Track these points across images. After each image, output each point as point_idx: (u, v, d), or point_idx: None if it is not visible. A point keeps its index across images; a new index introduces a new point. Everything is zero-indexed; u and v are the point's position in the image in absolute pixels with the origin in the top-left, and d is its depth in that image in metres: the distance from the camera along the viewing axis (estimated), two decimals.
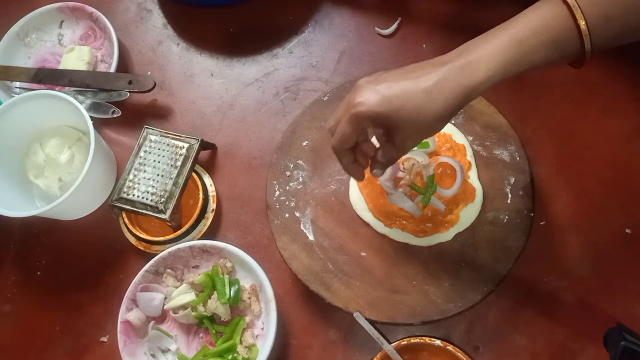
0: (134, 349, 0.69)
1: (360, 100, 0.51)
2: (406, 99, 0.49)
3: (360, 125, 0.52)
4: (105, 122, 0.86)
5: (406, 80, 0.50)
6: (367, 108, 0.50)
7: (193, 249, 0.73)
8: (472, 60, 0.49)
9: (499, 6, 0.86)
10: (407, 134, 0.52)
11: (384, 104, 0.50)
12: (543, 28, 0.49)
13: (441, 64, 0.50)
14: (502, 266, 0.67)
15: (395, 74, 0.52)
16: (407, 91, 0.49)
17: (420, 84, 0.49)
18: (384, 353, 0.63)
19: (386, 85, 0.50)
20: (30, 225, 0.84)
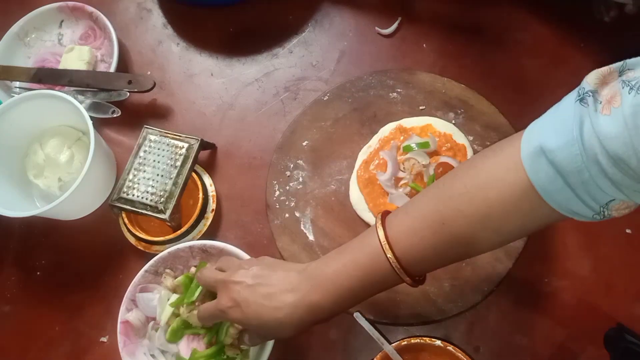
0: (133, 349, 0.69)
1: (226, 307, 0.58)
2: (262, 323, 0.57)
3: (222, 320, 0.64)
4: (105, 122, 0.86)
5: (263, 305, 0.57)
6: (230, 317, 0.59)
7: (193, 249, 0.73)
8: (314, 301, 0.55)
9: (499, 6, 0.86)
10: (264, 338, 0.65)
11: (245, 321, 0.58)
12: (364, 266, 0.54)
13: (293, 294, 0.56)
14: (502, 266, 0.67)
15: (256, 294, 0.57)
16: (263, 317, 0.57)
17: (274, 314, 0.56)
18: (384, 353, 0.63)
19: (245, 304, 0.57)
20: (30, 225, 0.84)
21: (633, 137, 0.38)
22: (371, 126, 0.78)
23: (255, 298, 0.57)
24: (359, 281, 0.54)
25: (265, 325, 0.57)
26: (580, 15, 0.81)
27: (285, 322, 0.56)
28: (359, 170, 0.75)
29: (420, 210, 0.52)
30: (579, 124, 0.41)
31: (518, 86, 0.80)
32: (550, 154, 0.42)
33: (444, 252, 0.52)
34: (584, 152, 0.41)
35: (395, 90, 0.79)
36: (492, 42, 0.85)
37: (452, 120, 0.76)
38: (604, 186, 0.42)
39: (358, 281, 0.54)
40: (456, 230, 0.49)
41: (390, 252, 0.52)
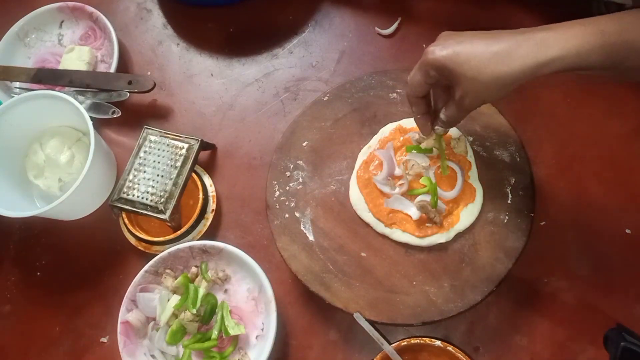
0: (134, 350, 0.69)
1: (431, 49, 0.53)
2: (472, 55, 0.51)
3: (428, 73, 0.55)
4: (105, 123, 0.86)
5: (481, 40, 0.51)
6: (433, 56, 0.53)
7: (193, 249, 0.73)
8: (549, 36, 0.49)
9: (499, 6, 0.86)
10: (466, 90, 0.54)
11: (450, 55, 0.52)
12: (632, 28, 0.49)
13: (520, 33, 0.51)
14: (502, 266, 0.67)
15: (476, 33, 0.53)
16: (476, 49, 0.51)
17: (491, 46, 0.50)
18: (384, 354, 0.63)
19: (460, 40, 0.52)
20: (30, 225, 0.84)
21: None
22: (371, 126, 0.78)
23: (469, 35, 0.51)
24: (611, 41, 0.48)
25: (475, 60, 0.50)
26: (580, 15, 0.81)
27: (503, 54, 0.49)
28: (359, 170, 0.75)
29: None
30: None
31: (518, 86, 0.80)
32: None
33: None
34: None
35: (395, 90, 0.79)
36: None
37: None
38: None
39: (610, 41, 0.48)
40: None
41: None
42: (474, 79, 0.52)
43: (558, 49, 0.49)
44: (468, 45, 0.52)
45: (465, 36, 0.53)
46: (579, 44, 0.49)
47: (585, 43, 0.49)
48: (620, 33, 0.49)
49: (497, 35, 0.52)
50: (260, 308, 0.71)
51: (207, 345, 0.69)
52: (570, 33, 0.50)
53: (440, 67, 0.54)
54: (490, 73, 0.51)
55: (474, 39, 0.52)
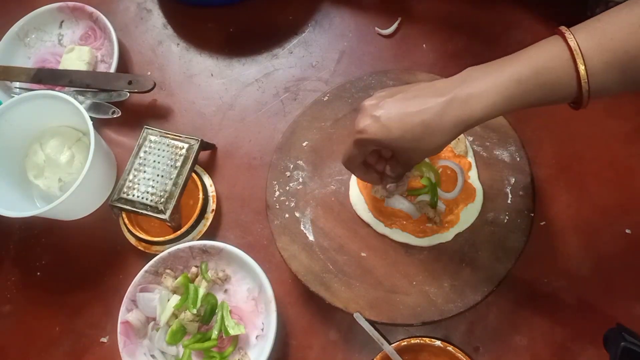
0: (133, 350, 0.69)
1: (363, 128, 0.54)
2: (405, 129, 0.52)
3: (365, 148, 0.57)
4: (105, 123, 0.86)
5: (406, 109, 0.52)
6: (368, 135, 0.54)
7: (193, 249, 0.73)
8: (471, 94, 0.51)
9: (499, 6, 0.86)
10: (408, 157, 0.56)
11: (384, 132, 0.53)
12: (543, 69, 0.50)
13: (441, 94, 0.52)
14: (502, 266, 0.67)
15: (396, 100, 0.54)
16: (406, 122, 0.52)
17: (419, 115, 0.51)
18: (384, 354, 0.63)
19: (386, 113, 0.53)
20: (30, 225, 0.84)
21: None
22: None
23: (395, 105, 0.52)
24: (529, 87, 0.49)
25: (409, 134, 0.51)
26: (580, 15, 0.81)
27: (434, 125, 0.50)
28: None
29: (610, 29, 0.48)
30: None
31: None
32: None
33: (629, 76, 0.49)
34: None
35: None
36: (492, 42, 0.85)
37: None
38: None
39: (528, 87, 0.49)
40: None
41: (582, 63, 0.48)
42: (412, 148, 0.54)
43: (481, 108, 0.50)
44: (397, 118, 0.52)
45: (388, 107, 0.53)
46: (499, 99, 0.50)
47: (505, 97, 0.50)
48: (535, 77, 0.50)
49: (420, 98, 0.52)
50: (260, 308, 0.71)
51: (207, 345, 0.69)
52: (491, 86, 0.50)
53: (376, 143, 0.55)
54: (427, 142, 0.53)
55: (398, 109, 0.53)
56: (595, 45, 0.48)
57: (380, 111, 0.53)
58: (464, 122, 0.51)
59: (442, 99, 0.51)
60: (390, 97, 0.54)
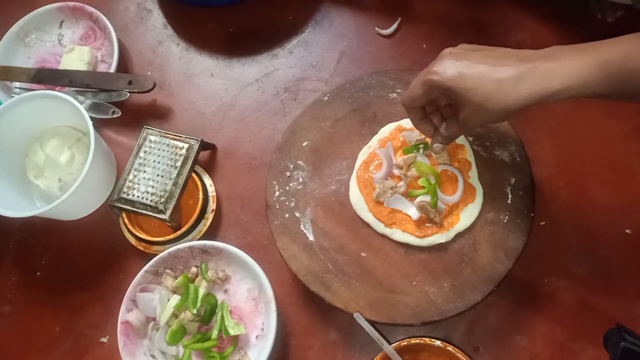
0: (133, 350, 0.69)
1: (438, 69, 0.53)
2: (480, 82, 0.51)
3: (431, 91, 0.55)
4: (105, 123, 0.86)
5: (486, 64, 0.51)
6: (440, 78, 0.52)
7: (193, 249, 0.73)
8: (555, 68, 0.50)
9: (499, 6, 0.86)
10: (471, 114, 0.54)
11: (458, 80, 0.51)
12: (631, 56, 0.49)
13: (525, 60, 0.51)
14: (502, 266, 0.67)
15: (480, 55, 0.53)
16: (483, 75, 0.51)
17: (498, 73, 0.50)
18: (384, 354, 0.63)
19: (467, 63, 0.52)
20: (30, 225, 0.84)
21: None
22: (371, 126, 0.78)
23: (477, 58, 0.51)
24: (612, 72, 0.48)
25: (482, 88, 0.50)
26: (580, 15, 0.81)
27: (509, 86, 0.49)
28: (359, 170, 0.75)
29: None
30: None
31: None
32: None
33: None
34: None
35: (395, 90, 0.79)
36: (492, 42, 0.84)
37: None
38: None
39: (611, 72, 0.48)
40: None
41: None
42: (480, 105, 0.52)
43: (563, 81, 0.49)
44: (474, 69, 0.51)
45: (470, 58, 0.53)
46: (583, 76, 0.49)
47: (589, 75, 0.49)
48: (623, 61, 0.49)
49: (503, 59, 0.52)
50: (260, 308, 0.71)
51: (207, 345, 0.69)
52: (574, 64, 0.49)
53: (446, 89, 0.53)
54: (496, 102, 0.51)
55: (479, 62, 0.52)
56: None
57: (460, 59, 0.52)
58: (538, 94, 0.50)
59: (524, 66, 0.50)
60: (475, 50, 0.53)
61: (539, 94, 0.50)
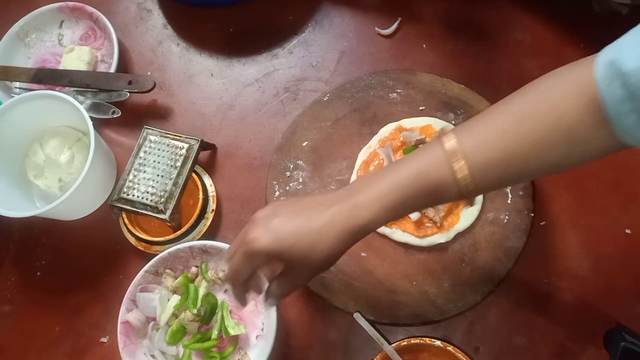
0: (133, 350, 0.69)
1: (254, 237, 0.52)
2: (297, 238, 0.51)
3: (254, 261, 0.54)
4: (105, 123, 0.86)
5: (298, 219, 0.52)
6: (258, 246, 0.52)
7: (193, 249, 0.73)
8: (358, 203, 0.51)
9: (499, 6, 0.86)
10: (299, 269, 0.54)
11: (276, 242, 0.51)
12: (424, 174, 0.50)
13: (331, 204, 0.52)
14: (502, 266, 0.67)
15: (290, 211, 0.53)
16: (298, 231, 0.51)
17: (310, 224, 0.51)
18: (384, 354, 0.63)
19: (279, 223, 0.52)
20: (30, 225, 0.84)
21: None
22: (371, 126, 0.78)
23: (287, 215, 0.52)
24: (411, 193, 0.50)
25: (300, 243, 0.51)
26: (580, 15, 0.81)
27: (323, 233, 0.51)
28: (359, 170, 0.75)
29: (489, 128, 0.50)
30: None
31: (518, 86, 0.79)
32: (626, 76, 0.41)
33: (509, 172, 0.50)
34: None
35: (395, 90, 0.79)
36: (492, 42, 0.85)
37: (452, 120, 0.76)
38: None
39: (410, 192, 0.50)
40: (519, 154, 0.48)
41: (462, 161, 0.48)
42: (304, 258, 0.52)
43: (366, 217, 0.51)
44: (289, 227, 0.52)
45: (281, 217, 0.53)
46: (383, 206, 0.51)
47: (388, 204, 0.51)
48: (416, 181, 0.50)
49: (311, 209, 0.52)
50: (260, 308, 0.71)
51: (207, 345, 0.69)
52: (374, 196, 0.51)
53: (267, 254, 0.53)
54: (318, 251, 0.51)
55: (291, 218, 0.52)
56: (472, 146, 0.49)
57: (272, 221, 0.52)
58: (350, 232, 0.51)
59: (332, 209, 0.51)
60: (282, 208, 0.54)
61: (351, 232, 0.51)
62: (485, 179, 0.50)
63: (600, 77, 0.44)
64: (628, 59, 0.42)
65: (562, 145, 0.48)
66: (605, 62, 0.44)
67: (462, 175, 0.49)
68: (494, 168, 0.49)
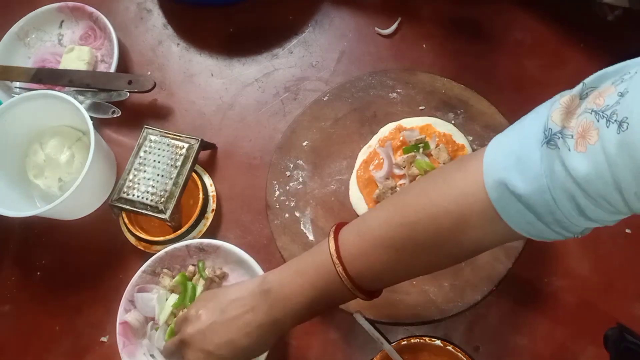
0: (133, 350, 0.69)
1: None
2: (238, 354, 0.55)
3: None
4: (105, 122, 0.86)
5: (230, 336, 0.55)
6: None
7: (190, 248, 0.73)
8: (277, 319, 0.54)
9: (499, 6, 0.86)
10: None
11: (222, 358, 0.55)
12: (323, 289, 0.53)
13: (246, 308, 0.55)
14: (502, 266, 0.66)
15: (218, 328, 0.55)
16: (239, 351, 0.55)
17: (245, 342, 0.54)
18: (384, 353, 0.63)
19: (215, 345, 0.55)
20: (30, 225, 0.84)
21: (618, 173, 0.35)
22: (371, 126, 0.78)
23: (219, 337, 0.55)
24: (315, 297, 0.53)
25: (240, 353, 0.55)
26: (580, 15, 0.81)
27: (257, 343, 0.55)
28: (359, 170, 0.75)
29: (372, 232, 0.51)
30: (549, 171, 0.39)
31: (518, 86, 0.80)
32: (519, 197, 0.41)
33: (397, 274, 0.53)
34: (556, 197, 0.39)
35: (395, 90, 0.79)
36: (492, 42, 0.85)
37: (452, 120, 0.76)
38: (579, 222, 0.41)
39: (314, 297, 0.53)
40: (409, 256, 0.49)
41: (341, 267, 0.51)
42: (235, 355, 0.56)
43: (283, 315, 0.54)
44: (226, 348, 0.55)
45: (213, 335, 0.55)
46: (299, 302, 0.53)
47: (303, 299, 0.53)
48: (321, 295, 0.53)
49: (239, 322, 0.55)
50: None
51: None
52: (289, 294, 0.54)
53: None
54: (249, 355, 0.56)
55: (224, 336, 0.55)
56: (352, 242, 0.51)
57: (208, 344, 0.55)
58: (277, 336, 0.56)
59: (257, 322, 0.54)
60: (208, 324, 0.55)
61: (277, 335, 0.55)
62: (369, 281, 0.52)
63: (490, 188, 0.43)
64: (516, 182, 0.41)
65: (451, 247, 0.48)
66: (494, 182, 0.42)
67: (344, 278, 0.51)
68: (373, 272, 0.51)
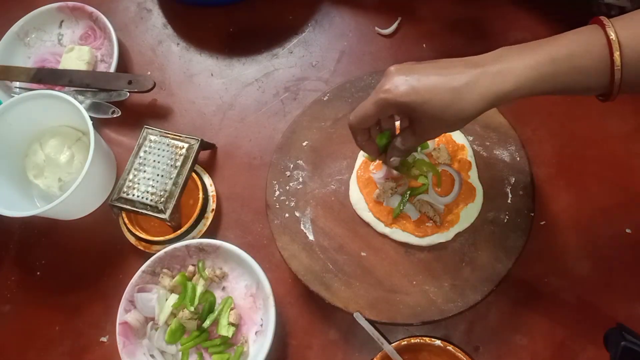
0: (133, 350, 0.69)
1: (389, 87, 0.52)
2: (434, 93, 0.50)
3: (385, 110, 0.54)
4: (105, 122, 0.86)
5: (437, 75, 0.51)
6: (394, 96, 0.52)
7: (189, 248, 0.73)
8: (504, 69, 0.50)
9: (499, 6, 0.86)
10: (429, 127, 0.54)
11: (412, 95, 0.51)
12: (579, 52, 0.49)
13: (474, 66, 0.51)
14: (502, 266, 0.66)
15: (427, 67, 0.53)
16: (436, 86, 0.50)
17: (450, 82, 0.50)
18: (384, 353, 0.63)
19: (417, 77, 0.51)
20: (30, 225, 0.84)
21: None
22: None
23: (426, 71, 0.50)
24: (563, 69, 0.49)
25: (437, 99, 0.50)
26: (580, 15, 0.81)
27: (464, 93, 0.49)
28: (359, 170, 0.75)
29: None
30: None
31: None
32: None
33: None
34: None
35: None
36: (492, 42, 0.85)
37: None
38: None
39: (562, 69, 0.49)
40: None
41: (617, 50, 0.47)
42: (437, 116, 0.52)
43: (514, 82, 0.50)
44: (427, 82, 0.51)
45: (419, 71, 0.52)
46: (532, 75, 0.50)
47: (538, 74, 0.50)
48: (570, 59, 0.49)
49: (452, 68, 0.52)
50: (258, 304, 0.71)
51: (199, 340, 0.69)
52: (523, 64, 0.50)
53: (400, 106, 0.53)
54: (452, 111, 0.51)
55: (429, 74, 0.52)
56: (631, 36, 0.48)
57: (410, 73, 0.52)
58: (494, 94, 0.50)
59: (474, 71, 0.50)
60: (419, 65, 0.53)
61: (492, 96, 0.50)
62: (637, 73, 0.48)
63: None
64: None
65: None
66: None
67: (617, 63, 0.47)
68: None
